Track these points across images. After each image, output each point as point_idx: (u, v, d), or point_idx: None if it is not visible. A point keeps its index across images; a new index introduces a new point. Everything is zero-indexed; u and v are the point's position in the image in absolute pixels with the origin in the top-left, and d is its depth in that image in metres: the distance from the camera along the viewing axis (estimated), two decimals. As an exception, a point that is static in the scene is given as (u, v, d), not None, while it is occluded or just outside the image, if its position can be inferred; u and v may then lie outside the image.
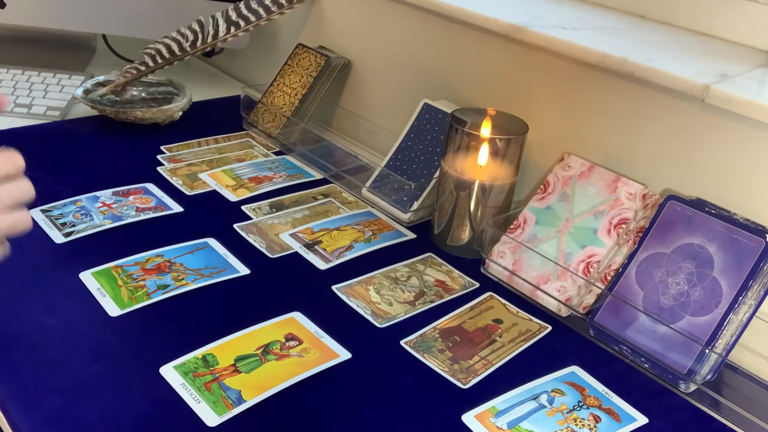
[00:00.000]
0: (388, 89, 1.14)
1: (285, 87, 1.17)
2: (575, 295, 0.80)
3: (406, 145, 1.01)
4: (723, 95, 0.74)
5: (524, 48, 0.93)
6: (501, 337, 0.76)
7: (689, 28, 0.94)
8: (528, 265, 0.83)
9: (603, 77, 0.87)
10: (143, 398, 0.63)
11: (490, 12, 0.93)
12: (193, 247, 0.86)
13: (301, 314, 0.76)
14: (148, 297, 0.76)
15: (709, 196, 0.79)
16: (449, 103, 1.01)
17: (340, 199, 1.01)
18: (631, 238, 0.80)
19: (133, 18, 1.26)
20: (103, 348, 0.69)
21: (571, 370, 0.73)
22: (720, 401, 0.70)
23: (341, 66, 1.18)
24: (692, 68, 0.79)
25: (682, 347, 0.71)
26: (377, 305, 0.79)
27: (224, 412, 0.63)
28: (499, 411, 0.67)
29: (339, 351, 0.72)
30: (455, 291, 0.83)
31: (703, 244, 0.73)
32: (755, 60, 0.85)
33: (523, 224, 0.86)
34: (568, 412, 0.67)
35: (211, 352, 0.69)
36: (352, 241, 0.90)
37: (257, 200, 0.98)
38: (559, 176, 0.87)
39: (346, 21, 1.18)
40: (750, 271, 0.70)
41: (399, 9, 1.08)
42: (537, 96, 0.94)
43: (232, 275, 0.81)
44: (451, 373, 0.71)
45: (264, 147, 1.14)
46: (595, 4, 1.03)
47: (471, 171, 0.87)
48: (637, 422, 0.67)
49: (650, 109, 0.83)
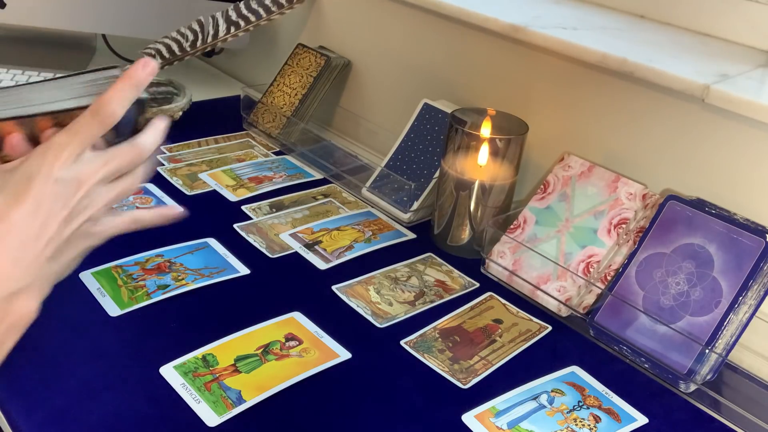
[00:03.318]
0: (388, 89, 1.14)
1: (285, 87, 1.17)
2: (575, 295, 0.80)
3: (406, 145, 1.01)
4: (723, 95, 0.74)
5: (524, 48, 0.93)
6: (501, 337, 0.76)
7: (689, 28, 0.94)
8: (528, 265, 0.83)
9: (603, 77, 0.87)
10: (143, 398, 0.63)
11: (490, 12, 0.93)
12: (193, 247, 0.86)
13: (301, 314, 0.76)
14: (148, 297, 0.76)
15: (709, 196, 0.79)
16: (449, 103, 1.01)
17: (340, 199, 1.01)
18: (631, 238, 0.80)
19: (133, 18, 1.26)
20: (103, 348, 0.69)
21: (571, 370, 0.73)
22: (720, 401, 0.70)
23: (341, 66, 1.18)
24: (692, 68, 0.79)
25: (682, 347, 0.71)
26: (377, 305, 0.79)
27: (224, 412, 0.63)
28: (499, 411, 0.67)
29: (339, 351, 0.72)
30: (455, 291, 0.83)
31: (703, 244, 0.73)
32: (755, 60, 0.85)
33: (523, 224, 0.86)
34: (568, 412, 0.67)
35: (211, 352, 0.69)
36: (352, 241, 0.90)
37: (257, 200, 0.98)
38: (559, 176, 0.87)
39: (346, 21, 1.18)
40: (750, 271, 0.70)
41: (399, 9, 1.08)
42: (537, 96, 0.94)
43: (232, 275, 0.81)
44: (451, 373, 0.71)
45: (264, 147, 1.14)
46: (595, 4, 1.03)
47: (471, 171, 0.87)
48: (637, 422, 0.67)
49: (650, 109, 0.83)
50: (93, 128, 0.52)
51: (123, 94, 0.53)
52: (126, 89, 0.53)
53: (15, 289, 0.49)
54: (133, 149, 0.55)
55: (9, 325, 0.50)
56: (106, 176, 0.54)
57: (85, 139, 0.52)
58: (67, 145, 0.51)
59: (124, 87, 0.53)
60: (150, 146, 0.56)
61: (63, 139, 0.51)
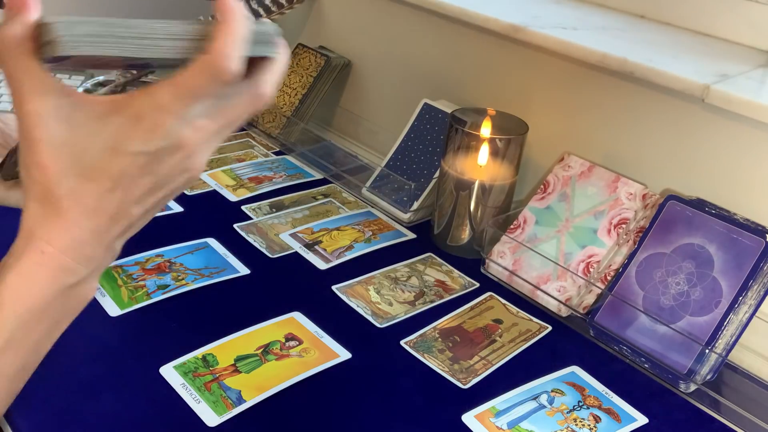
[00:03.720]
0: (388, 89, 1.14)
1: (285, 87, 1.17)
2: (575, 295, 0.80)
3: (406, 145, 1.01)
4: (723, 95, 0.74)
5: (524, 48, 0.93)
6: (501, 337, 0.76)
7: (689, 28, 0.94)
8: (528, 265, 0.83)
9: (603, 77, 0.87)
10: (143, 398, 0.63)
11: (490, 12, 0.93)
12: (193, 247, 0.85)
13: (301, 314, 0.76)
14: (148, 297, 0.76)
15: (709, 196, 0.79)
16: (449, 103, 1.01)
17: (340, 199, 1.01)
18: (631, 238, 0.80)
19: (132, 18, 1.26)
20: (103, 348, 0.69)
21: (571, 370, 0.73)
22: (720, 401, 0.70)
23: (341, 66, 1.18)
24: (692, 68, 0.79)
25: (682, 347, 0.71)
26: (377, 305, 0.79)
27: (224, 412, 0.63)
28: (499, 411, 0.67)
29: (339, 351, 0.72)
30: (455, 291, 0.83)
31: (703, 244, 0.73)
32: (755, 60, 0.85)
33: (523, 224, 0.86)
34: (568, 412, 0.67)
35: (211, 352, 0.69)
36: (352, 241, 0.90)
37: (257, 200, 0.98)
38: (559, 176, 0.87)
39: (346, 21, 1.18)
40: (750, 271, 0.70)
41: (399, 9, 1.08)
42: (537, 96, 0.94)
43: (232, 275, 0.81)
44: (451, 373, 0.71)
45: (264, 147, 1.14)
46: (595, 4, 1.03)
47: (471, 171, 0.87)
48: (637, 422, 0.67)
49: (650, 109, 0.83)
50: (204, 86, 0.40)
51: (240, 43, 0.40)
52: (241, 36, 0.40)
53: (78, 279, 0.42)
54: (253, 102, 0.43)
55: (68, 310, 0.45)
56: (212, 134, 0.42)
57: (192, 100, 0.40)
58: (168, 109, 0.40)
59: (237, 33, 0.40)
60: (272, 95, 0.44)
61: (165, 100, 0.40)
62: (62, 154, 0.40)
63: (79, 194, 0.40)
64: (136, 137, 0.40)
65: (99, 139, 0.40)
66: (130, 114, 0.40)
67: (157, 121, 0.40)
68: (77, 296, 0.44)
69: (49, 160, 0.39)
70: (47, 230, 0.40)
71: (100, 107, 0.40)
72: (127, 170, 0.40)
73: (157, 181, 0.42)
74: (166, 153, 0.41)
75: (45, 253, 0.41)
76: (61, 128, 0.39)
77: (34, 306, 0.41)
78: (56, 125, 0.39)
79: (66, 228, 0.40)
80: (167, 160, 0.41)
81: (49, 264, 0.41)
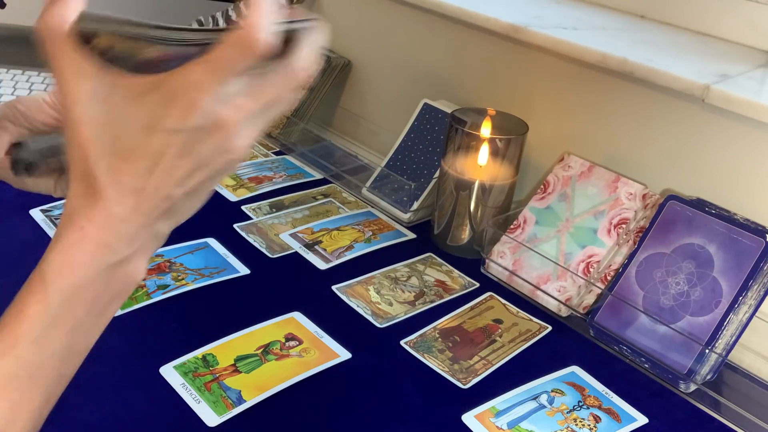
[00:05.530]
0: (388, 89, 1.14)
1: (285, 87, 1.17)
2: (575, 295, 0.80)
3: (406, 145, 1.01)
4: (723, 95, 0.74)
5: (524, 48, 0.93)
6: (501, 337, 0.76)
7: (689, 28, 0.94)
8: (528, 265, 0.83)
9: (603, 77, 0.87)
10: (143, 398, 0.63)
11: (490, 12, 0.93)
12: (193, 247, 0.85)
13: (301, 314, 0.76)
14: (148, 297, 0.76)
15: (709, 196, 0.79)
16: (449, 103, 1.01)
17: (340, 199, 1.01)
18: (631, 238, 0.80)
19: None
20: (103, 348, 0.69)
21: (571, 370, 0.73)
22: (720, 401, 0.70)
23: (341, 66, 1.18)
24: (692, 68, 0.79)
25: (682, 347, 0.71)
26: (377, 305, 0.79)
27: (224, 412, 0.63)
28: (499, 411, 0.67)
29: (339, 351, 0.72)
30: (455, 291, 0.83)
31: (703, 244, 0.73)
32: (755, 60, 0.85)
33: (523, 224, 0.86)
34: (568, 412, 0.67)
35: (211, 352, 0.69)
36: (352, 241, 0.90)
37: (257, 200, 0.98)
38: (559, 176, 0.87)
39: (346, 21, 1.18)
40: (750, 271, 0.70)
41: (399, 9, 1.08)
42: (537, 96, 0.94)
43: (232, 275, 0.81)
44: (451, 373, 0.71)
45: (264, 147, 1.14)
46: (595, 4, 1.03)
47: (471, 171, 0.87)
48: (637, 422, 0.67)
49: (650, 109, 0.83)
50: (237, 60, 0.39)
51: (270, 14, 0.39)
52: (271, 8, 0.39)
53: (119, 258, 0.42)
54: (291, 78, 0.42)
55: (114, 294, 0.45)
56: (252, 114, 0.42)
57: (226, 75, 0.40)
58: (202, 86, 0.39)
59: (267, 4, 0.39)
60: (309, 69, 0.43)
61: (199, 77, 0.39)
62: (100, 133, 0.40)
63: (117, 173, 0.40)
64: (172, 115, 0.39)
65: (135, 119, 0.40)
66: (165, 92, 0.39)
67: (192, 98, 0.39)
68: (122, 277, 0.43)
69: (88, 140, 0.40)
70: (87, 209, 0.41)
71: (137, 87, 0.40)
72: (165, 149, 0.40)
73: (197, 161, 0.41)
74: (204, 132, 0.40)
75: (84, 230, 0.41)
76: (99, 109, 0.40)
77: (76, 282, 0.41)
78: (94, 106, 0.40)
79: (104, 207, 0.41)
80: (206, 140, 0.40)
81: (89, 241, 0.41)
